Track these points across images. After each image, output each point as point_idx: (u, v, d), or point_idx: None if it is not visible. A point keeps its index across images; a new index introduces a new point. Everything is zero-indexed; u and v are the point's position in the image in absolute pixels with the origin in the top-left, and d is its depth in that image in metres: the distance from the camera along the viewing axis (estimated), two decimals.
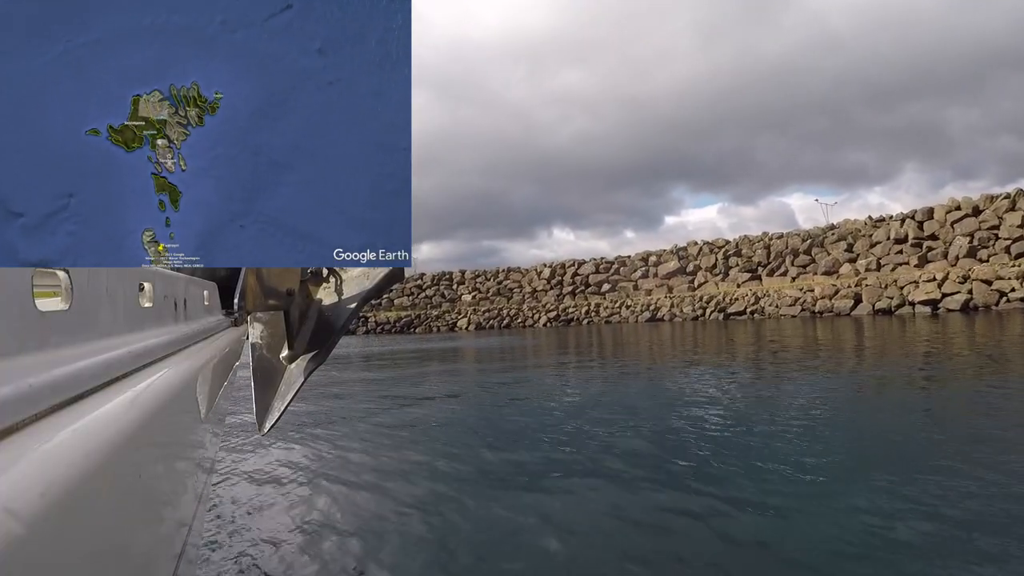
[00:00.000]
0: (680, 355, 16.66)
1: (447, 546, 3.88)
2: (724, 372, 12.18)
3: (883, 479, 4.41)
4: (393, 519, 4.40)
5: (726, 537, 3.69)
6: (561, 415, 7.77)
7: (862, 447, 5.68)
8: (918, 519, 3.65)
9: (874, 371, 11.47)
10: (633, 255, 59.22)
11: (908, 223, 41.29)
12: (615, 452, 5.70)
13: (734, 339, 22.69)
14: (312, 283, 1.79)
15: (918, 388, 9.15)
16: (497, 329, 55.44)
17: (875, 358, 13.84)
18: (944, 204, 40.10)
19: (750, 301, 44.80)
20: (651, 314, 50.56)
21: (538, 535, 3.89)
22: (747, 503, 4.16)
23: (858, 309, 37.84)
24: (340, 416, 9.04)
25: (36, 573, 0.74)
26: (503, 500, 4.65)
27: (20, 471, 0.79)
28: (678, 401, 8.48)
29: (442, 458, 6.06)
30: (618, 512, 4.17)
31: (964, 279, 34.38)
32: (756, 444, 5.80)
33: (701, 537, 3.73)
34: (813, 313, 40.00)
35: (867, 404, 8.19)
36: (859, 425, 6.77)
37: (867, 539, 3.50)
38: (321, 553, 3.85)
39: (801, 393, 8.71)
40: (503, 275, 65.34)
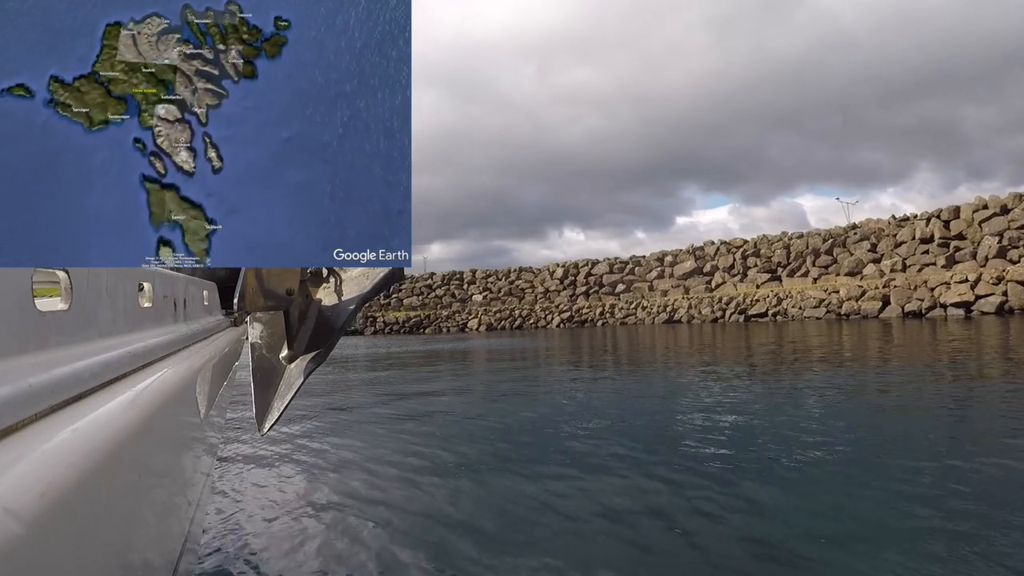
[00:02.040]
0: (712, 364, 14.94)
1: (448, 545, 3.90)
2: (763, 386, 10.62)
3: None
4: (394, 519, 4.43)
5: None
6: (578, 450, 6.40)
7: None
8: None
9: (940, 387, 9.51)
10: (648, 255, 59.03)
11: (934, 222, 40.70)
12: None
13: (761, 344, 21.33)
14: (312, 283, 1.83)
15: (992, 410, 7.58)
16: (509, 330, 55.36)
17: (928, 369, 11.72)
18: (971, 203, 39.47)
19: (772, 303, 44.37)
20: (668, 316, 50.31)
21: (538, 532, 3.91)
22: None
23: (886, 311, 37.26)
24: (340, 417, 9.11)
25: (36, 573, 0.75)
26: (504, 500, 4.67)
27: (20, 471, 0.80)
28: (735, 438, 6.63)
29: (443, 458, 6.09)
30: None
31: (998, 280, 33.75)
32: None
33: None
34: (839, 315, 39.43)
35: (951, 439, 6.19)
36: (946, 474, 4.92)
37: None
38: (322, 553, 3.89)
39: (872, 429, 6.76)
40: (515, 275, 65.34)
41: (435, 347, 30.34)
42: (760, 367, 14.03)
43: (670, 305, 51.41)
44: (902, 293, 37.35)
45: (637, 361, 17.82)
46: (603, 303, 57.00)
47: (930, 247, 40.28)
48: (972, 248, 38.13)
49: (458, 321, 61.25)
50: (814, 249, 47.89)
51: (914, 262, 40.85)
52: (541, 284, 63.27)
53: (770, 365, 14.43)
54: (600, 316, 55.14)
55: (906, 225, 42.91)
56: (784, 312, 43.18)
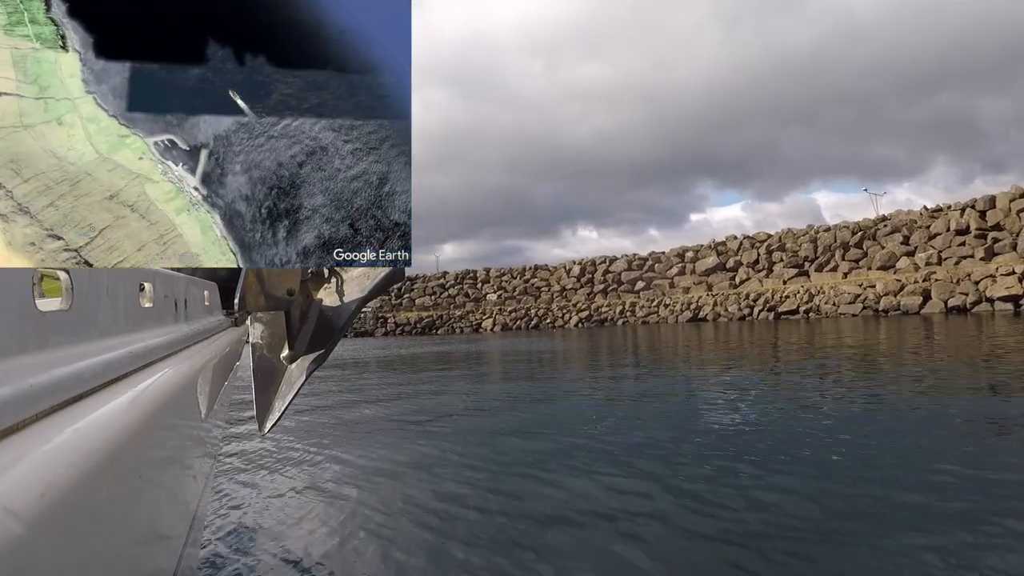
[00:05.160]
0: (773, 369, 12.99)
1: (449, 549, 3.94)
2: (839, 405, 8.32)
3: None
4: (394, 519, 4.49)
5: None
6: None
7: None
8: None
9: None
10: (668, 251, 58.72)
11: (969, 212, 40.02)
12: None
13: (809, 343, 19.43)
14: (312, 283, 1.87)
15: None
16: (524, 330, 55.24)
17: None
18: (1007, 191, 38.79)
19: (803, 299, 43.75)
20: (692, 314, 49.90)
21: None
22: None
23: (928, 307, 36.43)
24: (340, 418, 9.23)
25: (36, 573, 0.77)
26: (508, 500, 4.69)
27: (20, 471, 0.82)
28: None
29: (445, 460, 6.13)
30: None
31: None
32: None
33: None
34: (876, 311, 38.65)
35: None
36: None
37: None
38: (322, 553, 3.96)
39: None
40: (530, 273, 65.25)
41: (445, 348, 30.35)
42: (836, 376, 11.32)
43: (694, 303, 51.00)
44: (944, 287, 36.53)
45: (673, 364, 15.70)
46: (623, 301, 56.73)
47: (966, 238, 39.66)
48: (1012, 239, 37.45)
49: (472, 321, 61.27)
50: (843, 242, 47.34)
51: (950, 254, 40.22)
52: (557, 282, 63.14)
53: (855, 377, 11.21)
54: (620, 315, 54.87)
55: (939, 216, 42.23)
56: (817, 309, 42.50)
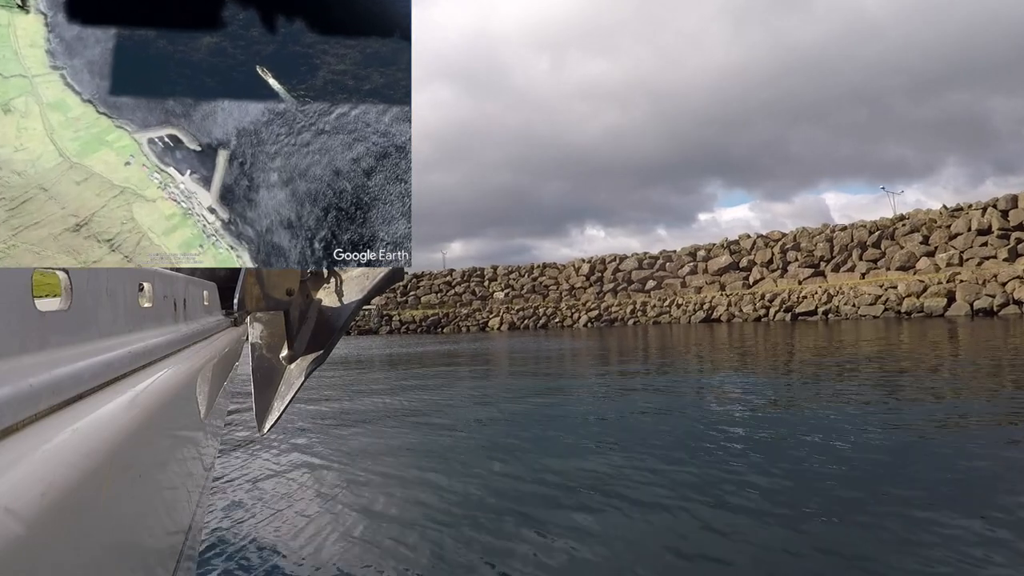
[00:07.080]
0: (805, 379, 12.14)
1: (446, 550, 3.98)
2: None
3: None
4: (394, 520, 4.53)
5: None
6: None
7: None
8: None
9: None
10: (679, 249, 58.58)
11: (991, 212, 39.66)
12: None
13: (835, 347, 18.11)
14: (312, 283, 1.90)
15: None
16: (532, 329, 55.24)
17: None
18: None
19: (821, 300, 43.49)
20: (706, 314, 49.78)
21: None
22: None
23: (952, 309, 36.01)
24: (339, 419, 9.32)
25: (36, 573, 0.79)
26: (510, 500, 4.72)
27: (20, 471, 0.84)
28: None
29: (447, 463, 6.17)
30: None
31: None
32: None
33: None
34: (898, 313, 38.25)
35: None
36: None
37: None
38: (321, 553, 4.01)
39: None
40: (538, 271, 65.26)
41: (449, 347, 30.39)
42: (885, 387, 10.21)
43: (707, 302, 50.87)
44: (969, 288, 36.11)
45: (698, 370, 14.84)
46: (633, 300, 56.66)
47: (988, 238, 39.36)
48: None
49: (478, 320, 61.36)
50: (860, 242, 47.08)
51: (972, 255, 39.93)
52: (566, 281, 63.13)
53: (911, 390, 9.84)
54: (631, 314, 54.83)
55: (960, 215, 41.91)
56: (836, 310, 42.19)
